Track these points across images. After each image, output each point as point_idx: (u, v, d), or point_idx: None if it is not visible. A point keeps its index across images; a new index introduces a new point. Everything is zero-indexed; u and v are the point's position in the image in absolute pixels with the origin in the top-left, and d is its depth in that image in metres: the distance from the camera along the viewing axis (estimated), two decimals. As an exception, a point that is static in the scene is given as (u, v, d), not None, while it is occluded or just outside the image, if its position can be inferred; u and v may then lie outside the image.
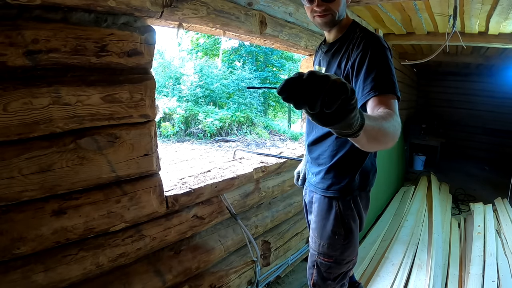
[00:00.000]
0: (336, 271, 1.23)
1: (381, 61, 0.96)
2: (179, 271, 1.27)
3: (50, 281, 0.91)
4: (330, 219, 1.18)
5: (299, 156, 1.98)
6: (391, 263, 2.15)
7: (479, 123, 6.47)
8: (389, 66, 0.96)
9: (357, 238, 1.22)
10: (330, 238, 1.19)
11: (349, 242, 1.18)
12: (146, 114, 1.07)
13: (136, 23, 1.02)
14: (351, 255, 1.22)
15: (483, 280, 1.98)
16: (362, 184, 1.17)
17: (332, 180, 1.16)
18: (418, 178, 4.42)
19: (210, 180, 1.39)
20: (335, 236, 1.18)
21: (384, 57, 0.97)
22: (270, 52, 14.25)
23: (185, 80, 11.46)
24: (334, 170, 1.16)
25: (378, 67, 0.95)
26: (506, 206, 3.30)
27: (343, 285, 1.28)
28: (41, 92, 0.82)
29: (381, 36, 1.09)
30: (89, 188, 0.97)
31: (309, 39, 1.92)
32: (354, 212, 1.18)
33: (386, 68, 0.95)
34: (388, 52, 1.00)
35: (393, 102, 0.90)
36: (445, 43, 2.07)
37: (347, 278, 1.29)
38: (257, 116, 11.88)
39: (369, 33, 1.06)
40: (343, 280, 1.27)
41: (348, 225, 1.17)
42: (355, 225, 1.19)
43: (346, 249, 1.19)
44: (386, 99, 0.90)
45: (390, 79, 0.94)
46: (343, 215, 1.16)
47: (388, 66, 0.96)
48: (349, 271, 1.29)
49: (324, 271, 1.23)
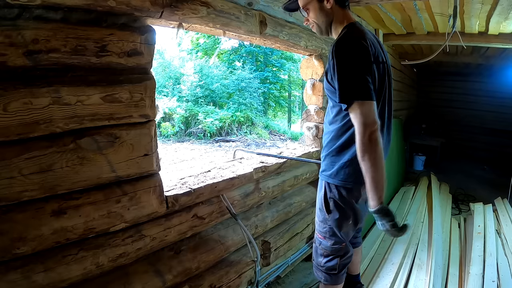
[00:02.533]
0: (326, 250, 1.38)
1: (342, 69, 1.07)
2: (179, 271, 1.27)
3: (50, 281, 0.91)
4: (319, 197, 1.38)
5: (299, 156, 1.99)
6: (391, 263, 2.15)
7: (479, 123, 6.46)
8: (350, 72, 1.06)
9: (341, 225, 1.33)
10: (318, 215, 1.39)
11: (332, 223, 1.33)
12: (146, 114, 1.07)
13: (136, 23, 1.02)
14: (336, 238, 1.35)
15: (483, 280, 1.97)
16: (351, 177, 1.25)
17: (325, 167, 1.34)
18: (418, 178, 4.41)
19: (210, 180, 1.39)
20: (321, 214, 1.36)
21: (346, 64, 1.07)
22: (270, 52, 14.27)
23: (185, 80, 11.47)
24: (327, 159, 1.33)
25: (340, 77, 1.07)
26: (506, 206, 3.30)
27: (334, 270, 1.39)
28: (41, 92, 0.82)
29: (352, 37, 1.12)
30: (89, 188, 0.97)
31: (309, 39, 1.92)
32: (338, 199, 1.29)
33: (346, 77, 1.06)
34: (353, 56, 1.07)
35: (356, 107, 1.05)
36: (445, 43, 2.07)
37: (339, 266, 1.39)
38: (257, 116, 11.89)
39: (340, 39, 1.14)
40: (334, 265, 1.38)
41: (330, 207, 1.31)
42: (338, 210, 1.31)
43: (331, 230, 1.34)
44: (351, 109, 1.07)
45: (349, 87, 1.06)
46: (327, 197, 1.32)
47: (348, 73, 1.06)
48: (341, 259, 1.39)
49: (317, 246, 1.42)
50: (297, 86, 17.28)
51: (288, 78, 16.52)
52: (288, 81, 16.52)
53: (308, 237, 2.22)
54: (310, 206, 2.24)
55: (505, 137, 6.01)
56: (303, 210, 2.15)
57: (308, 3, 1.22)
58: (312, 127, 2.22)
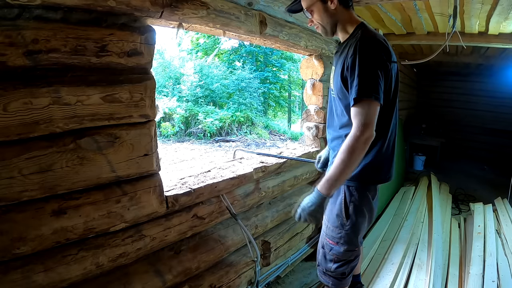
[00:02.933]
0: (338, 256, 1.35)
1: (364, 67, 1.07)
2: (179, 271, 1.27)
3: (50, 281, 0.91)
4: (336, 203, 1.32)
5: (299, 156, 1.98)
6: (391, 263, 2.15)
7: (479, 123, 6.46)
8: (370, 71, 1.07)
9: (358, 230, 1.32)
10: (335, 221, 1.33)
11: (349, 229, 1.30)
12: (146, 114, 1.07)
13: (136, 23, 1.02)
14: (351, 244, 1.32)
15: (483, 280, 1.97)
16: (366, 177, 1.26)
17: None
18: (418, 178, 4.41)
19: (210, 180, 1.39)
20: (338, 220, 1.31)
21: (367, 63, 1.08)
22: (270, 52, 14.26)
23: (185, 80, 11.45)
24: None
25: (360, 74, 1.07)
26: (506, 206, 3.30)
27: (343, 274, 1.37)
28: (41, 92, 0.82)
29: (376, 38, 1.14)
30: (89, 188, 0.97)
31: (309, 39, 1.92)
32: (358, 202, 1.27)
33: (366, 73, 1.07)
34: (377, 55, 1.09)
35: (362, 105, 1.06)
36: (445, 43, 2.07)
37: (348, 270, 1.37)
38: (257, 116, 11.89)
39: (364, 36, 1.13)
40: (344, 269, 1.36)
41: (350, 211, 1.28)
42: (357, 215, 1.28)
43: (347, 236, 1.31)
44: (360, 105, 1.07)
45: (367, 84, 1.06)
46: (347, 202, 1.28)
47: (368, 72, 1.07)
48: (351, 262, 1.37)
49: (328, 252, 1.37)
50: (297, 86, 17.29)
51: (288, 78, 16.51)
52: (288, 81, 16.51)
53: (308, 237, 2.22)
54: (310, 206, 2.24)
55: (505, 137, 6.01)
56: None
57: (312, 5, 1.22)
58: (312, 127, 2.22)
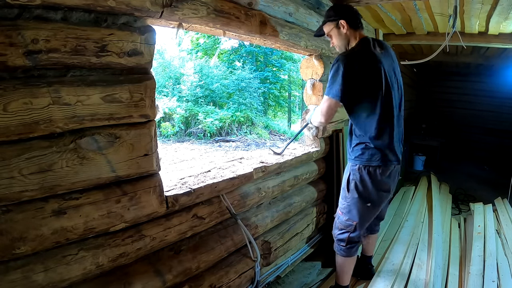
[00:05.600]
0: (341, 224, 1.67)
1: (331, 77, 1.48)
2: (179, 271, 1.27)
3: (50, 281, 0.91)
4: (344, 178, 1.67)
5: (299, 156, 1.99)
6: (391, 263, 2.15)
7: (479, 123, 6.46)
8: (333, 79, 1.46)
9: (356, 203, 1.59)
10: (342, 194, 1.68)
11: (350, 201, 1.61)
12: (146, 114, 1.07)
13: (136, 23, 1.02)
14: (350, 215, 1.62)
15: (483, 280, 1.97)
16: (364, 160, 1.56)
17: (351, 154, 1.64)
18: (418, 178, 4.41)
19: (210, 180, 1.39)
20: (343, 192, 1.66)
21: (333, 73, 1.46)
22: (270, 52, 14.26)
23: (185, 80, 11.46)
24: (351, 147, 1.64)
25: (328, 81, 1.50)
26: (506, 206, 3.30)
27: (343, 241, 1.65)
28: (41, 92, 0.82)
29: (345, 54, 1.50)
30: (89, 188, 0.97)
31: (309, 39, 1.92)
32: (359, 182, 1.57)
33: (331, 81, 1.48)
34: (341, 67, 1.42)
35: (324, 100, 1.52)
36: (445, 43, 2.07)
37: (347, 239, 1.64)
38: (257, 116, 11.88)
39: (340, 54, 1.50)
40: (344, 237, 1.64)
41: (351, 187, 1.60)
42: (357, 190, 1.58)
43: (348, 206, 1.63)
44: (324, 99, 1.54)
45: (330, 87, 1.48)
46: (349, 179, 1.61)
47: (332, 79, 1.47)
48: (350, 233, 1.64)
49: (336, 221, 1.72)
50: (297, 86, 17.28)
51: (288, 78, 16.51)
52: (288, 81, 16.51)
53: (308, 237, 2.22)
54: (310, 206, 2.24)
55: (505, 137, 6.01)
56: (303, 210, 2.15)
57: (330, 31, 1.61)
58: (312, 127, 2.22)
